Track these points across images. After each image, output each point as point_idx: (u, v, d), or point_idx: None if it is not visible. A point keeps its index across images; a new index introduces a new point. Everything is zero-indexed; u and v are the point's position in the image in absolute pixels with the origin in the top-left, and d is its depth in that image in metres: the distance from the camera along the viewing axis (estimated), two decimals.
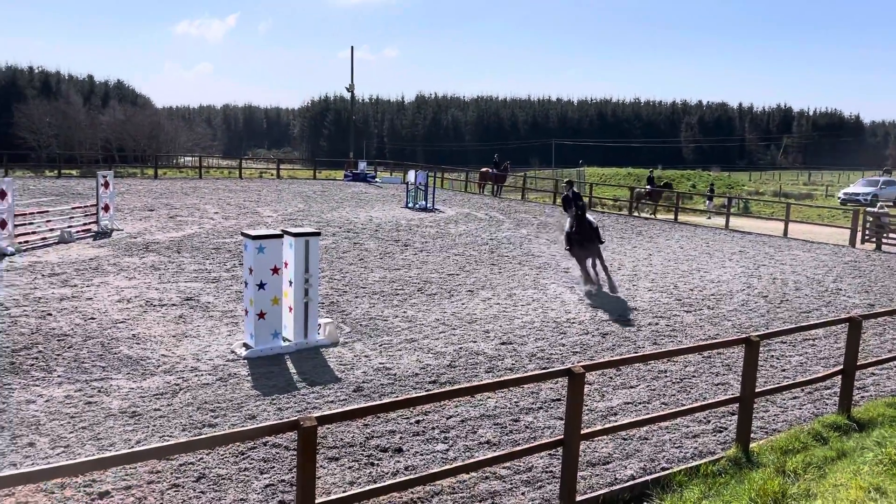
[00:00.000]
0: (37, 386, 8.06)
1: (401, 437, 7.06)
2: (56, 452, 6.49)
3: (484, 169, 39.10)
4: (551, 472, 6.43)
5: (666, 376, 9.22)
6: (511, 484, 6.20)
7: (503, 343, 10.47)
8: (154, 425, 7.14)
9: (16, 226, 16.09)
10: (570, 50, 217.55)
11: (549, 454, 6.67)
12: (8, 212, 15.73)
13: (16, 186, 16.39)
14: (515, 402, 8.06)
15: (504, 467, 6.40)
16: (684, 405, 8.04)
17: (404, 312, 12.06)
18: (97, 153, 56.50)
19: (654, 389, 8.73)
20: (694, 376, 9.27)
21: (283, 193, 33.20)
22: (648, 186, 32.56)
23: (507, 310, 12.45)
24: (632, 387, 8.78)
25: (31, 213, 17.80)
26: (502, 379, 6.23)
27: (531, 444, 6.14)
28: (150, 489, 5.83)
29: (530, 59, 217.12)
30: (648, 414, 7.69)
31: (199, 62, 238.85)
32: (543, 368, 9.25)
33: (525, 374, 7.83)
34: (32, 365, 8.72)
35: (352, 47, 54.35)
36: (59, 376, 8.40)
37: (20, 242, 16.24)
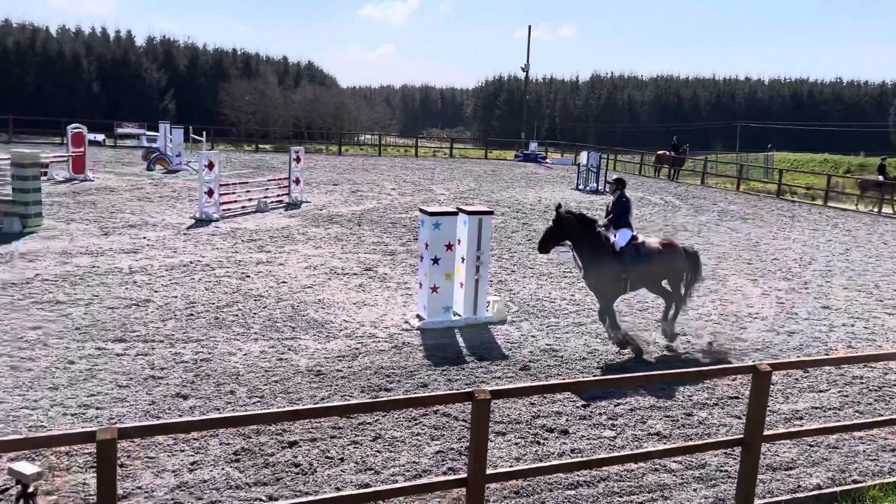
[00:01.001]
0: (237, 340, 8.93)
1: (567, 420, 7.05)
2: (252, 402, 7.17)
3: (661, 151, 37.54)
4: (725, 471, 6.13)
5: (861, 382, 8.43)
6: (682, 479, 5.99)
7: (676, 333, 10.05)
8: (336, 385, 7.67)
9: (221, 195, 17.82)
10: (761, 26, 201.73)
11: (725, 453, 6.36)
12: (215, 182, 17.45)
13: (221, 159, 18.14)
14: (689, 395, 7.75)
15: (675, 461, 6.20)
16: (882, 415, 7.32)
17: (572, 295, 11.95)
18: (288, 130, 60.92)
19: (846, 396, 8.01)
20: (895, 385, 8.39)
21: (455, 172, 33.97)
22: (881, 177, 27.95)
23: None
24: (821, 391, 8.12)
25: (233, 184, 19.62)
26: (679, 371, 6.00)
27: (707, 441, 5.89)
28: (332, 443, 6.29)
29: (716, 36, 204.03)
30: (840, 421, 7.08)
31: (382, 44, 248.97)
32: (720, 363, 8.80)
33: (705, 368, 7.50)
34: (234, 321, 9.67)
35: (529, 27, 54.20)
36: (255, 333, 9.25)
37: (224, 210, 17.97)
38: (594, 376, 8.25)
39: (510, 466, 5.96)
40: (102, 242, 13.99)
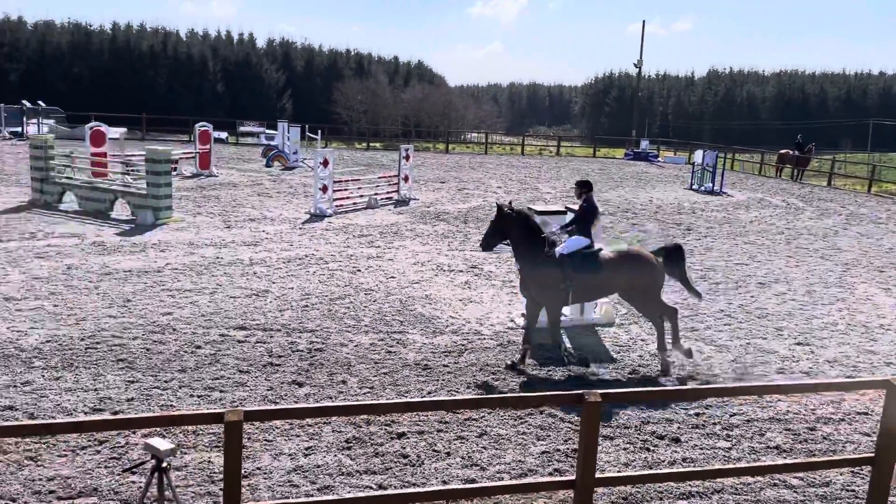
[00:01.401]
0: (348, 332, 9.23)
1: (678, 428, 6.83)
2: (363, 392, 7.39)
3: (783, 150, 35.58)
4: (852, 490, 5.76)
5: None
6: (803, 496, 5.67)
7: (798, 343, 9.53)
8: (443, 379, 7.77)
9: (334, 191, 18.44)
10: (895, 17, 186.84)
11: (852, 471, 5.98)
12: (329, 178, 18.07)
13: (334, 156, 18.77)
14: (812, 409, 7.32)
15: (796, 477, 5.89)
16: None
17: (684, 300, 11.54)
18: (398, 128, 62.18)
19: None
20: None
21: (561, 170, 33.58)
22: None
23: (804, 307, 11.29)
24: None
25: (345, 181, 20.24)
26: (804, 382, 5.69)
27: (833, 458, 5.55)
28: (439, 437, 6.39)
29: (845, 29, 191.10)
30: None
31: (490, 42, 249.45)
32: (847, 377, 8.26)
33: (834, 381, 7.07)
34: (345, 313, 9.99)
35: (643, 21, 52.72)
36: (365, 325, 9.52)
37: (337, 206, 18.58)
38: (707, 384, 7.95)
39: (618, 471, 5.85)
40: (225, 235, 14.81)
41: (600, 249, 8.46)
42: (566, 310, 10.00)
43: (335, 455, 5.99)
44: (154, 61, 66.22)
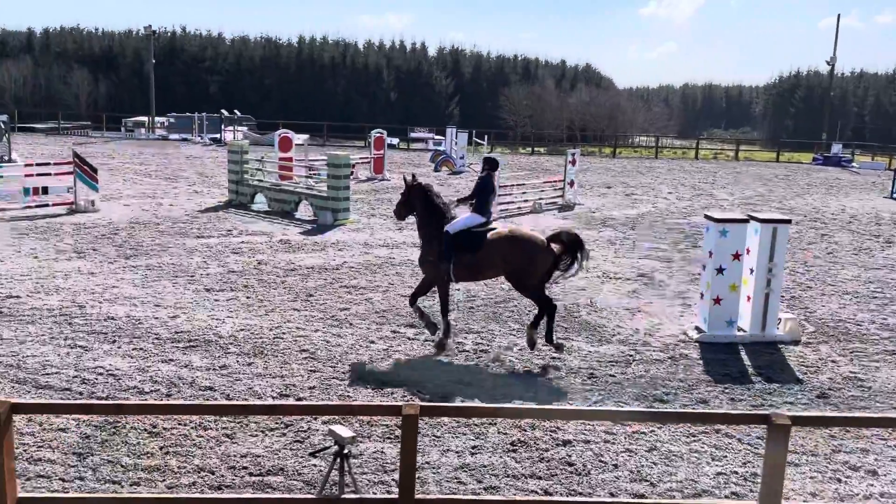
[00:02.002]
0: (512, 335, 9.28)
1: (876, 460, 6.19)
2: (528, 395, 7.40)
3: None
4: None
5: None
6: None
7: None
8: (609, 389, 7.59)
9: (499, 196, 18.62)
10: None
11: None
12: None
13: (499, 161, 18.96)
14: None
15: None
16: None
17: (884, 319, 10.45)
18: (562, 133, 61.69)
19: None
20: None
21: (740, 176, 31.64)
22: None
23: None
24: None
25: (510, 186, 20.38)
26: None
27: None
28: (605, 447, 6.25)
29: None
30: None
31: (664, 42, 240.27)
32: None
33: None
34: (510, 316, 10.06)
35: (838, 15, 48.28)
36: (515, 331, 9.51)
37: (501, 210, 18.76)
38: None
39: (804, 501, 5.41)
40: (397, 236, 15.45)
41: (491, 229, 8.37)
42: (745, 324, 9.43)
43: (500, 456, 6.05)
44: (334, 71, 70.59)
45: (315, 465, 5.74)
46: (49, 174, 17.61)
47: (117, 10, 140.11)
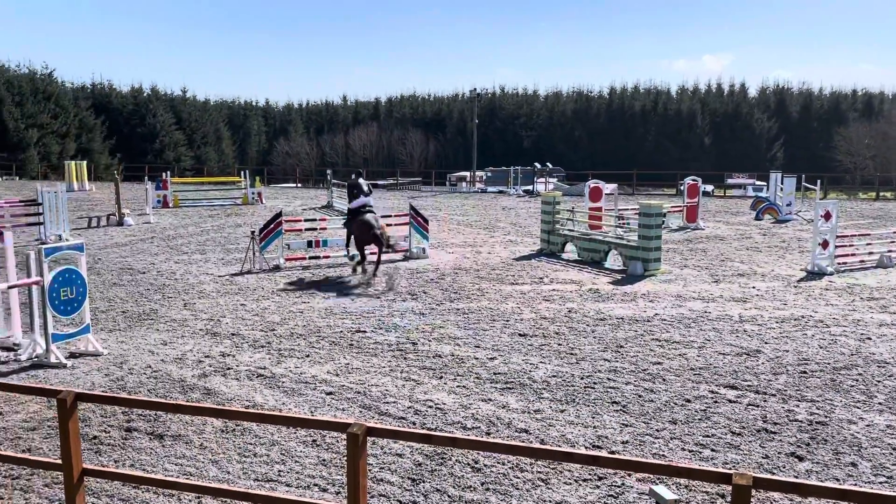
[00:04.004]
0: (857, 408, 8.10)
1: None
2: (878, 480, 6.36)
3: None
4: None
5: None
6: None
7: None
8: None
9: (836, 247, 16.58)
10: None
11: None
12: (831, 233, 16.34)
13: (836, 208, 16.86)
14: None
15: None
16: None
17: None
18: None
19: None
20: None
21: None
22: None
23: None
24: None
25: (850, 236, 18.02)
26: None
27: None
28: None
29: None
30: None
31: None
32: None
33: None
34: (853, 386, 8.80)
35: None
36: (879, 403, 8.22)
37: (838, 263, 16.66)
38: None
39: None
40: (713, 289, 14.59)
41: (368, 211, 15.90)
42: None
43: None
44: (644, 119, 70.07)
45: None
46: (390, 224, 20.11)
47: (446, 75, 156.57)
